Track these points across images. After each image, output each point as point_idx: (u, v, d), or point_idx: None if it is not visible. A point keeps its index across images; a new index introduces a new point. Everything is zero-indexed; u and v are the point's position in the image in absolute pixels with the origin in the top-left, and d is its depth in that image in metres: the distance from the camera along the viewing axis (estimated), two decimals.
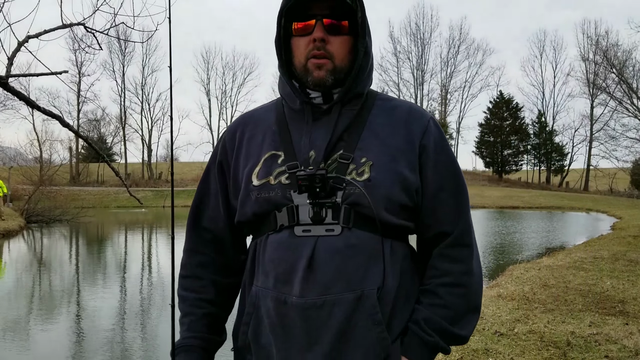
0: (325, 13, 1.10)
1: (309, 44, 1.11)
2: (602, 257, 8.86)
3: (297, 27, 1.13)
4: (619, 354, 3.85)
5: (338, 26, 1.11)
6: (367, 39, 1.14)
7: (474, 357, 3.82)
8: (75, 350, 5.30)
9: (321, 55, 1.10)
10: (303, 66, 1.12)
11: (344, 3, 1.10)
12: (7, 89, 2.99)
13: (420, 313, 1.12)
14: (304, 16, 1.11)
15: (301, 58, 1.13)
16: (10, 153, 38.63)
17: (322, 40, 1.09)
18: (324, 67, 1.11)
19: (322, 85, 1.12)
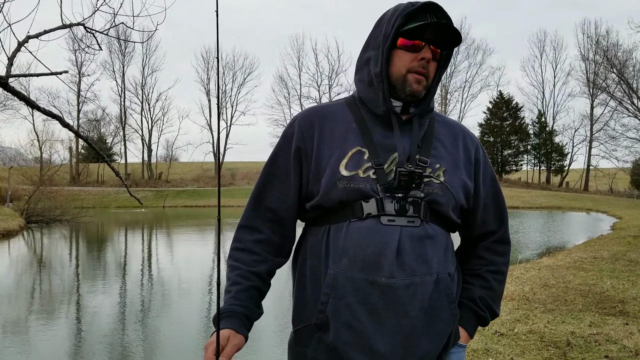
0: (433, 38, 1.25)
1: (415, 60, 1.25)
2: (602, 257, 8.86)
3: (406, 42, 1.26)
4: (619, 354, 3.85)
5: (436, 53, 1.27)
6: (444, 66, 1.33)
7: (474, 357, 3.82)
8: (75, 350, 5.30)
9: (424, 73, 1.26)
10: (403, 76, 1.26)
11: (451, 35, 1.25)
12: (7, 89, 3.00)
13: (475, 292, 1.37)
14: (414, 35, 1.25)
15: (402, 69, 1.26)
16: (10, 153, 38.65)
17: (428, 61, 1.25)
18: (422, 84, 1.26)
19: (416, 97, 1.27)
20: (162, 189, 40.70)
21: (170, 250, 14.18)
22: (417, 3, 1.26)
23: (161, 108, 63.43)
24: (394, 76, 1.27)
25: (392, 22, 1.26)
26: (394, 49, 1.27)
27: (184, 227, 19.26)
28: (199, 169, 49.05)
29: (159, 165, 49.61)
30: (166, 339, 5.60)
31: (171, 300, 7.63)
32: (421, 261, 1.22)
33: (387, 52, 1.26)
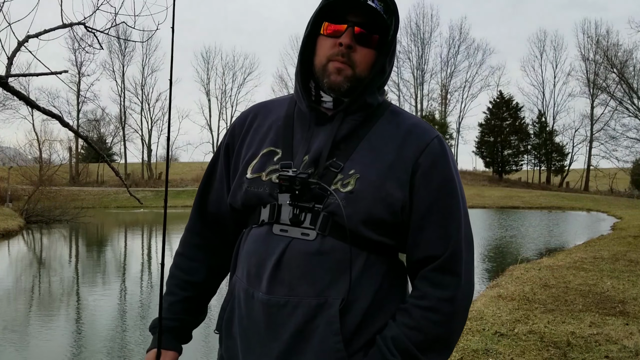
0: (358, 21, 1.10)
1: (335, 46, 1.10)
2: (602, 258, 8.85)
3: (327, 27, 1.12)
4: (619, 354, 3.84)
5: (368, 37, 1.11)
6: (389, 58, 1.15)
7: (474, 357, 3.82)
8: (75, 350, 5.29)
9: (344, 61, 1.10)
10: (323, 66, 1.12)
11: (381, 18, 1.10)
12: (7, 88, 2.99)
13: (390, 330, 1.08)
14: (337, 19, 1.11)
15: (323, 58, 1.12)
16: (9, 153, 38.64)
17: (348, 47, 1.09)
18: (343, 73, 1.10)
19: (336, 90, 1.12)
20: (162, 189, 40.70)
21: (170, 250, 14.19)
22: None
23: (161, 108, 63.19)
24: (316, 67, 1.14)
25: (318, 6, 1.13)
26: (319, 36, 1.14)
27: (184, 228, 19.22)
28: (199, 169, 49.00)
29: (159, 165, 49.59)
30: None
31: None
32: (303, 279, 1.05)
33: (308, 39, 1.14)
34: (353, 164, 1.10)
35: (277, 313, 1.06)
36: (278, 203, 1.10)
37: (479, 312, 5.12)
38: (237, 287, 1.15)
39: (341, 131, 1.13)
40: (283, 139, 1.17)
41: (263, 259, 1.09)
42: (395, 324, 1.09)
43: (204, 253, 1.29)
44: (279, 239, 1.09)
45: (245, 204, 1.16)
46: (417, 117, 1.23)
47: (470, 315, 5.02)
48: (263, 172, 1.14)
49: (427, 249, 1.11)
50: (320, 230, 1.07)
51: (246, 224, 1.18)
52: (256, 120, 1.23)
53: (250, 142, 1.20)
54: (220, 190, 1.26)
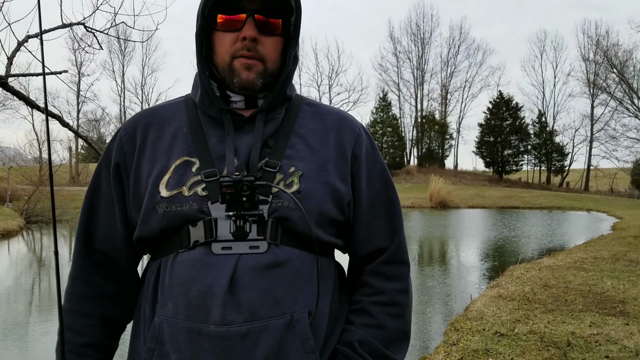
0: (256, 8, 0.98)
1: (237, 41, 0.98)
2: (602, 258, 8.85)
3: (223, 20, 0.99)
4: (619, 354, 3.84)
5: (271, 25, 0.99)
6: (297, 41, 1.05)
7: (474, 357, 3.81)
8: None
9: (251, 56, 0.98)
10: (228, 65, 1.00)
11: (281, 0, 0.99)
12: (7, 88, 2.99)
13: (354, 334, 1.01)
14: (232, 9, 0.98)
15: (225, 56, 1.00)
16: (9, 153, 38.65)
17: (253, 39, 0.97)
18: (254, 69, 0.99)
19: (250, 89, 1.00)
20: None
21: None
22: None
23: None
24: (219, 66, 1.01)
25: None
26: (214, 30, 1.00)
27: None
28: None
29: None
30: None
31: None
32: (266, 298, 0.92)
33: (201, 36, 1.00)
34: (291, 161, 1.00)
35: (238, 345, 0.90)
36: (212, 217, 0.95)
37: (479, 312, 5.12)
38: (165, 329, 0.94)
39: (266, 128, 1.02)
40: (197, 147, 1.01)
41: (207, 285, 0.92)
42: (356, 326, 1.02)
43: (98, 305, 1.07)
44: (223, 259, 0.93)
45: (166, 228, 0.97)
46: (331, 106, 1.15)
47: (470, 315, 5.02)
48: (183, 186, 0.97)
49: (376, 242, 1.06)
50: (272, 239, 0.95)
51: (163, 252, 0.99)
52: (150, 131, 1.05)
53: (153, 157, 1.02)
54: (109, 222, 1.06)
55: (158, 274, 0.99)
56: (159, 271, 0.99)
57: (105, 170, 1.07)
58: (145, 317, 1.00)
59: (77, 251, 1.08)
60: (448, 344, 4.20)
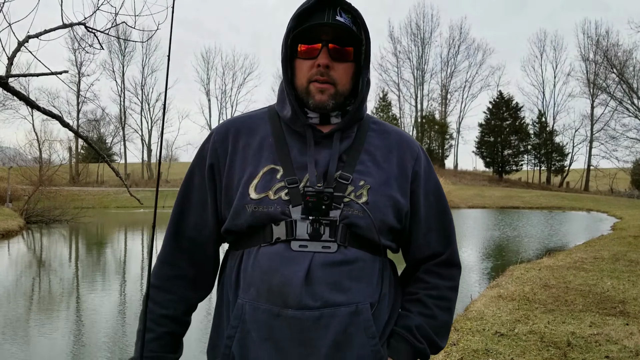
0: (330, 38, 1.13)
1: (313, 67, 1.13)
2: (602, 258, 8.86)
3: (302, 49, 1.15)
4: (619, 354, 3.84)
5: (343, 52, 1.14)
6: (369, 67, 1.18)
7: (475, 357, 3.82)
8: (75, 351, 5.29)
9: (324, 80, 1.13)
10: (305, 88, 1.15)
11: (351, 31, 1.12)
12: (7, 88, 2.99)
13: (412, 320, 1.19)
14: (310, 39, 1.13)
15: (303, 80, 1.15)
16: (9, 153, 38.62)
17: (326, 66, 1.12)
18: (327, 92, 1.14)
19: (322, 109, 1.15)
20: (162, 189, 40.59)
21: None
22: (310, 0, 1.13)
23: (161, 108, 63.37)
24: (298, 89, 1.16)
25: (287, 27, 1.15)
26: (296, 58, 1.16)
27: None
28: None
29: None
30: None
31: None
32: (335, 290, 1.08)
33: (286, 62, 1.17)
34: (361, 176, 1.16)
35: (311, 327, 1.06)
36: (292, 219, 1.11)
37: (479, 312, 5.12)
38: (247, 311, 1.10)
39: (342, 145, 1.18)
40: (281, 156, 1.16)
41: (287, 276, 1.08)
42: (414, 314, 1.20)
43: (180, 284, 1.23)
44: (300, 255, 1.09)
45: (252, 225, 1.13)
46: (394, 126, 1.31)
47: (470, 315, 5.02)
48: (270, 190, 1.13)
49: (432, 248, 1.24)
50: (341, 241, 1.11)
51: (246, 245, 1.16)
52: (240, 138, 1.20)
53: (244, 162, 1.18)
54: (202, 214, 1.22)
55: (240, 263, 1.15)
56: (242, 261, 1.15)
57: (199, 169, 1.22)
58: (228, 300, 1.17)
59: (167, 237, 1.24)
60: (448, 344, 4.20)
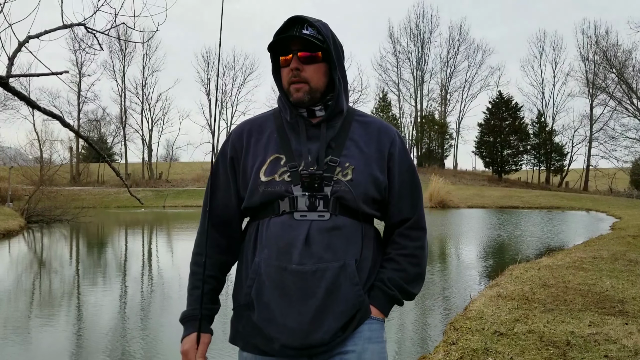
0: (299, 48, 1.44)
1: (289, 72, 1.45)
2: (601, 257, 8.87)
3: (281, 60, 1.49)
4: (618, 353, 3.85)
5: (312, 57, 1.44)
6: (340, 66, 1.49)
7: (474, 356, 3.83)
8: (76, 351, 5.30)
9: (297, 80, 1.44)
10: (287, 90, 1.48)
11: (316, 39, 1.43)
12: (8, 89, 3.00)
13: (384, 274, 1.51)
14: (285, 52, 1.46)
15: (285, 84, 1.48)
16: (10, 153, 38.62)
17: (296, 69, 1.44)
18: (302, 90, 1.45)
19: (301, 104, 1.47)
20: (163, 189, 40.68)
21: (170, 250, 14.19)
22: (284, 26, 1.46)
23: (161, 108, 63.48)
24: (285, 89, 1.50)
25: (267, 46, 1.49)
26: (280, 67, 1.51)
27: (184, 227, 19.25)
28: (199, 169, 49.00)
29: (159, 165, 49.59)
30: (166, 339, 5.61)
31: (171, 300, 7.63)
32: (328, 250, 1.39)
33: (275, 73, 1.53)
34: (346, 159, 1.46)
35: (309, 278, 1.38)
36: (294, 195, 1.42)
37: (478, 312, 5.14)
38: (262, 266, 1.43)
39: (328, 134, 1.49)
40: (283, 147, 1.48)
41: (291, 239, 1.39)
42: (386, 269, 1.52)
43: (215, 251, 1.56)
44: (301, 223, 1.41)
45: (264, 201, 1.45)
46: (376, 117, 1.65)
47: (470, 315, 5.03)
48: (275, 174, 1.45)
49: (403, 213, 1.55)
50: (332, 211, 1.42)
51: (260, 217, 1.47)
52: (252, 135, 1.54)
53: (255, 153, 1.50)
54: (227, 196, 1.55)
55: (257, 231, 1.48)
56: (258, 229, 1.48)
57: (222, 162, 1.57)
58: (247, 260, 1.50)
59: (203, 215, 1.56)
60: (447, 344, 4.21)
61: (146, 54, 48.08)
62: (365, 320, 1.45)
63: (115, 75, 47.74)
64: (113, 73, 47.68)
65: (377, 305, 1.48)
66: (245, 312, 1.48)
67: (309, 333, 1.38)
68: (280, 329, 1.39)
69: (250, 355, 1.48)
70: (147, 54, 48.09)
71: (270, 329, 1.41)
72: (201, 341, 1.49)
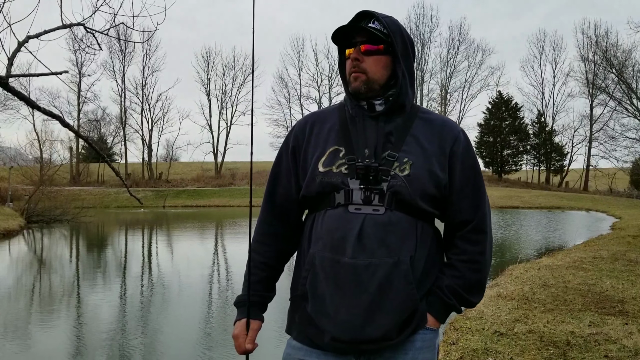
0: (363, 40, 1.45)
1: (350, 63, 1.47)
2: (601, 257, 8.86)
3: (346, 52, 1.50)
4: (618, 353, 3.85)
5: (373, 49, 1.45)
6: (405, 61, 1.47)
7: (474, 356, 3.83)
8: (76, 350, 5.30)
9: (356, 71, 1.45)
10: (347, 79, 1.49)
11: (380, 33, 1.44)
12: (8, 89, 3.00)
13: (443, 281, 1.46)
14: (351, 44, 1.48)
15: (347, 74, 1.49)
16: (10, 153, 38.62)
17: (356, 59, 1.45)
18: (359, 79, 1.45)
19: (357, 93, 1.47)
20: (162, 189, 40.67)
21: (170, 250, 14.19)
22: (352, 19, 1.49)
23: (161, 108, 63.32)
24: (347, 82, 1.51)
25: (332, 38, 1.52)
26: (345, 59, 1.52)
27: (184, 227, 19.27)
28: (199, 169, 49.02)
29: (159, 165, 49.56)
30: (166, 339, 5.61)
31: (171, 300, 7.63)
32: (381, 245, 1.37)
33: (339, 65, 1.56)
34: (405, 154, 1.43)
35: (362, 272, 1.35)
36: (350, 188, 1.41)
37: (478, 312, 5.13)
38: (317, 258, 1.42)
39: (387, 128, 1.47)
40: (343, 139, 1.48)
41: (345, 232, 1.38)
42: (446, 276, 1.47)
43: (274, 239, 1.57)
44: (355, 216, 1.39)
45: (320, 192, 1.45)
46: (442, 115, 1.61)
47: (470, 315, 5.03)
48: (333, 166, 1.44)
49: (464, 214, 1.49)
50: (388, 206, 1.39)
51: (317, 209, 1.48)
52: (315, 127, 1.54)
53: (315, 144, 1.50)
54: (288, 185, 1.56)
55: (313, 223, 1.48)
56: (314, 221, 1.48)
57: (285, 152, 1.57)
58: (304, 250, 1.50)
59: (264, 203, 1.59)
60: (447, 344, 4.21)
61: (146, 54, 48.08)
62: (420, 330, 1.42)
63: (115, 75, 47.73)
64: (113, 73, 47.67)
65: (433, 314, 1.45)
66: (301, 302, 1.47)
67: (360, 328, 1.36)
68: (332, 321, 1.38)
69: (299, 345, 1.46)
70: (146, 54, 48.09)
71: (322, 321, 1.40)
72: (251, 327, 1.50)
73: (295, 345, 1.47)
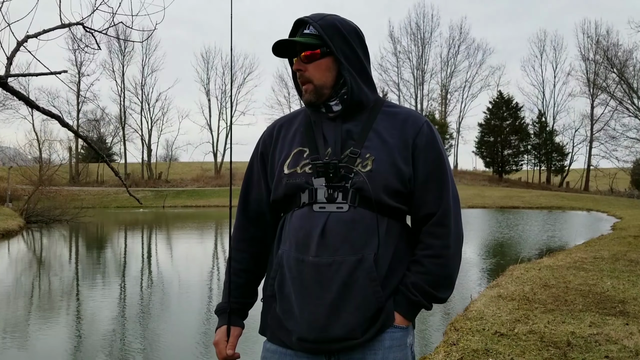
0: (300, 49, 1.45)
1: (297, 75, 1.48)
2: (602, 257, 8.85)
3: (292, 65, 1.52)
4: (619, 354, 3.84)
5: (312, 55, 1.45)
6: (350, 59, 1.45)
7: (474, 357, 3.82)
8: (75, 351, 5.29)
9: (303, 82, 1.47)
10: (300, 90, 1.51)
11: (315, 38, 1.43)
12: (7, 88, 2.99)
13: (409, 278, 1.43)
14: (293, 55, 1.50)
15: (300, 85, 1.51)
16: (9, 153, 38.63)
17: (299, 69, 1.47)
18: (308, 91, 1.47)
19: (310, 104, 1.49)
20: (162, 189, 40.67)
21: (170, 250, 14.18)
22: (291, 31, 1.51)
23: (161, 108, 63.45)
24: None
25: None
26: None
27: (184, 228, 19.26)
28: (199, 169, 49.02)
29: (159, 165, 49.56)
30: (166, 339, 5.60)
31: (171, 301, 7.63)
32: (344, 242, 1.36)
33: (293, 75, 1.54)
34: (367, 150, 1.42)
35: (325, 271, 1.35)
36: (314, 187, 1.41)
37: (479, 312, 5.12)
38: (284, 258, 1.43)
39: (347, 126, 1.46)
40: (307, 140, 1.48)
41: (309, 231, 1.38)
42: (411, 272, 1.43)
43: (250, 244, 1.59)
44: (319, 214, 1.39)
45: (287, 194, 1.45)
46: (407, 107, 1.57)
47: (470, 315, 5.02)
48: (297, 166, 1.45)
49: (428, 206, 1.45)
50: (351, 203, 1.38)
51: (287, 210, 1.48)
52: (282, 130, 1.56)
53: (281, 147, 1.52)
54: (260, 191, 1.57)
55: (282, 224, 1.49)
56: (284, 222, 1.49)
57: (255, 158, 1.60)
58: (273, 252, 1.51)
59: (238, 210, 1.61)
60: (448, 344, 4.20)
61: (145, 54, 48.08)
62: (388, 328, 1.40)
63: (114, 75, 47.72)
64: (112, 73, 47.67)
65: (401, 312, 1.42)
66: (271, 303, 1.47)
67: (325, 327, 1.35)
68: (297, 321, 1.38)
69: (274, 347, 1.47)
70: (146, 54, 48.09)
71: (289, 322, 1.40)
72: (231, 334, 1.52)
73: (269, 348, 1.48)
